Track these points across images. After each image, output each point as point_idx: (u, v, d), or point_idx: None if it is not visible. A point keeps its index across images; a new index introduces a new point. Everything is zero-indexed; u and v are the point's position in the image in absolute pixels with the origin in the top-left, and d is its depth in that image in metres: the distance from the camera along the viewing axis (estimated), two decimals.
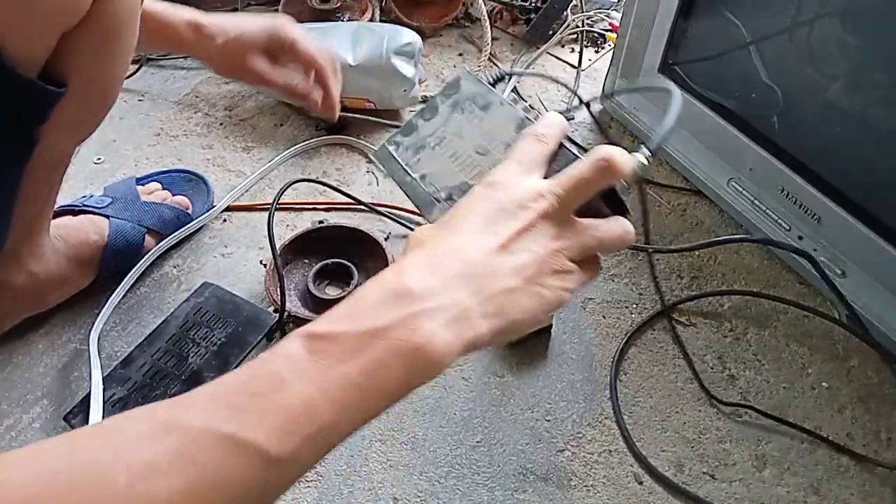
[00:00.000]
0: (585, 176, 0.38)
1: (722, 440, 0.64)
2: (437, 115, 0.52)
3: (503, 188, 0.38)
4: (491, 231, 0.36)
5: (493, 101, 0.50)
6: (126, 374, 0.62)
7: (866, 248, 0.66)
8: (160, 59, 1.09)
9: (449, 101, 0.52)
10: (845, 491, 0.61)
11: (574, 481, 0.61)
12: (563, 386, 0.68)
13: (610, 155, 0.38)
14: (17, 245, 0.62)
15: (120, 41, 0.52)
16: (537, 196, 0.37)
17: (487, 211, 0.37)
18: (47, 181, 0.60)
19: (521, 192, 0.38)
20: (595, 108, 1.00)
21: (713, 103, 0.78)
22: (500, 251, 0.36)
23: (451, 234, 0.37)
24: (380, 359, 0.32)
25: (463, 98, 0.51)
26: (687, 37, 0.79)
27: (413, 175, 0.51)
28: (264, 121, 0.98)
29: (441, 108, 0.52)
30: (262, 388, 0.30)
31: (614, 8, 1.17)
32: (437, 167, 0.50)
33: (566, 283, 0.37)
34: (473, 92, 0.51)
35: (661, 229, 0.83)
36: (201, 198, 0.83)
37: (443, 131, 0.51)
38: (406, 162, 0.52)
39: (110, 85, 0.56)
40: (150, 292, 0.75)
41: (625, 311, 0.74)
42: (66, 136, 0.56)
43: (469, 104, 0.51)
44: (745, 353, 0.71)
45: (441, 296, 0.34)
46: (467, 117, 0.51)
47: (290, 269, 0.75)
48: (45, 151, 0.53)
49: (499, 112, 0.49)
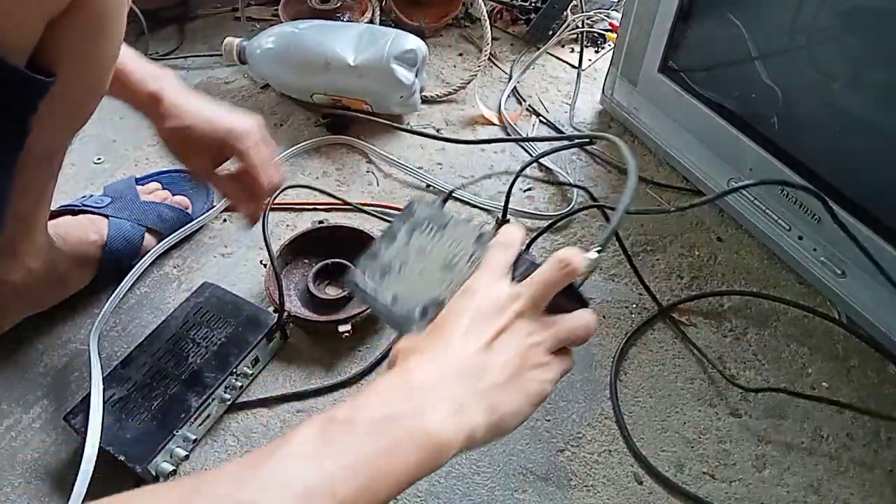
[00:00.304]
0: (550, 277, 0.43)
1: (722, 440, 0.64)
2: (397, 241, 0.56)
3: (481, 295, 0.43)
4: (475, 332, 0.41)
5: (449, 220, 0.55)
6: (126, 374, 0.62)
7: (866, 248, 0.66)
8: (160, 59, 1.09)
9: (405, 225, 0.56)
10: (845, 491, 0.61)
11: (574, 481, 0.61)
12: (563, 386, 0.68)
13: (567, 257, 0.43)
14: (14, 241, 0.62)
15: (108, 28, 0.52)
16: (512, 299, 0.42)
17: (470, 316, 0.42)
18: (42, 174, 0.60)
19: (496, 296, 0.43)
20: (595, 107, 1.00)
21: (713, 103, 0.78)
22: (486, 350, 0.40)
23: (440, 339, 0.41)
24: (393, 443, 0.35)
25: (419, 221, 0.56)
26: (687, 37, 0.79)
27: (384, 299, 0.54)
28: (264, 121, 0.97)
29: (399, 234, 0.57)
30: (281, 465, 0.33)
31: (614, 8, 1.17)
32: (407, 287, 0.54)
33: (546, 374, 0.42)
34: (429, 214, 0.56)
35: (660, 230, 0.83)
36: (201, 198, 0.83)
37: (406, 253, 0.56)
38: (375, 287, 0.56)
39: (100, 73, 0.55)
40: (150, 292, 0.75)
41: (625, 311, 0.74)
42: (59, 127, 0.56)
43: (427, 224, 0.56)
44: (745, 353, 0.71)
45: (443, 390, 0.38)
46: (428, 237, 0.55)
47: (290, 269, 0.75)
48: (37, 143, 0.53)
49: (457, 228, 0.54)
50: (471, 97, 1.01)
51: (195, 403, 0.60)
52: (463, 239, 0.53)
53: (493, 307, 0.42)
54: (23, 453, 0.61)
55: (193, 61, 1.10)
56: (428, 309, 0.50)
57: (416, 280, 0.54)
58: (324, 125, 0.96)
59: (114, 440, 0.57)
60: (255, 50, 0.96)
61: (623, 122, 0.95)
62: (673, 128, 0.86)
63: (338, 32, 0.94)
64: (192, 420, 0.60)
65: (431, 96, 1.01)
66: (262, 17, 1.19)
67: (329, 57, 0.91)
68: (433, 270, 0.53)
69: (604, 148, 0.94)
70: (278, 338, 0.69)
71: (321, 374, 0.68)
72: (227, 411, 0.65)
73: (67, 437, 0.62)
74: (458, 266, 0.51)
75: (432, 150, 0.93)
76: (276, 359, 0.69)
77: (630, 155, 0.53)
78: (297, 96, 0.99)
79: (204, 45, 1.13)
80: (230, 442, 0.63)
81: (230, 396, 0.64)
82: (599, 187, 0.88)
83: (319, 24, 0.98)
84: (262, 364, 0.68)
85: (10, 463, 0.61)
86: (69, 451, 0.61)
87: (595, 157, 0.93)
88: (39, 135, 0.52)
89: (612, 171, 0.91)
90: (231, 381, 0.63)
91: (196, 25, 1.18)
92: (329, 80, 0.92)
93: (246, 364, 0.65)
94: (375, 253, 0.57)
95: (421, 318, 0.50)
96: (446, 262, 0.52)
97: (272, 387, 0.67)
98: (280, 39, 0.95)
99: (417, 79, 0.94)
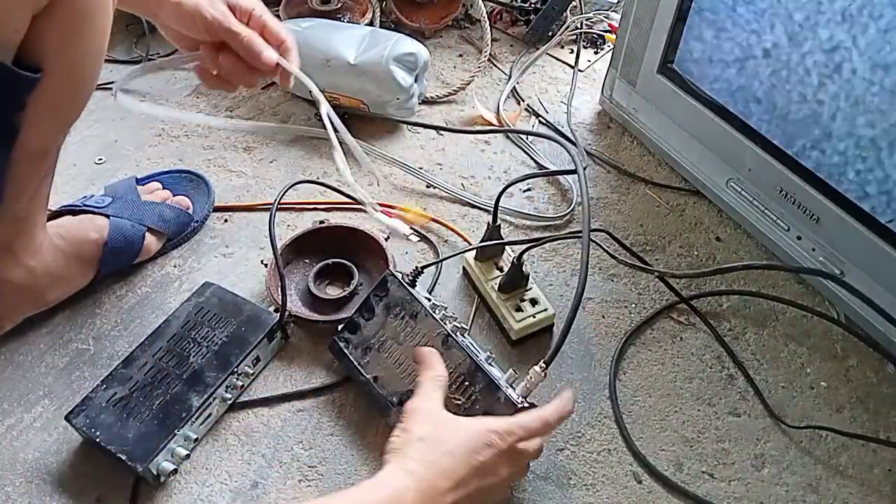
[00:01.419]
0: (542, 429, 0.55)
1: (721, 439, 0.64)
2: (375, 317, 0.62)
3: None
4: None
5: (419, 311, 0.60)
6: (128, 374, 0.62)
7: (865, 248, 0.66)
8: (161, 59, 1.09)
9: (382, 302, 0.62)
10: (844, 490, 0.61)
11: (573, 480, 0.61)
12: (563, 385, 0.68)
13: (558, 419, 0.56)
14: (11, 239, 0.61)
15: (93, 20, 0.52)
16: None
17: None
18: (36, 173, 0.59)
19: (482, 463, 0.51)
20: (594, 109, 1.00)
21: (712, 103, 0.79)
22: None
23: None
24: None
25: (393, 301, 0.61)
26: (686, 38, 0.79)
27: (367, 376, 0.61)
28: (265, 121, 0.98)
29: (377, 310, 0.62)
30: None
31: (613, 9, 1.17)
32: (385, 372, 0.60)
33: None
34: (400, 296, 0.61)
35: (660, 230, 0.83)
36: (202, 198, 0.84)
37: (383, 334, 0.61)
38: (357, 361, 0.62)
39: (87, 68, 0.55)
40: (152, 292, 0.75)
41: (624, 311, 0.75)
42: (50, 124, 0.55)
43: (399, 310, 0.61)
44: (744, 353, 0.71)
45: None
46: (400, 324, 0.61)
47: (290, 269, 0.75)
48: (29, 141, 0.53)
49: (426, 322, 0.59)
50: (470, 98, 1.02)
51: (196, 403, 0.60)
52: (431, 338, 0.59)
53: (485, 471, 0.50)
54: (24, 453, 0.62)
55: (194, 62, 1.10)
56: (403, 399, 0.57)
57: (394, 368, 0.60)
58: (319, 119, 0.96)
59: (115, 439, 0.58)
60: None
61: (622, 122, 0.96)
62: (672, 128, 0.87)
63: (341, 32, 0.94)
64: (194, 419, 0.60)
65: (431, 97, 1.01)
66: None
67: (330, 54, 0.91)
68: (407, 362, 0.59)
69: (603, 149, 0.94)
70: (279, 337, 0.69)
71: (322, 373, 0.68)
72: (228, 410, 0.65)
73: (69, 436, 0.62)
74: None
75: (432, 151, 0.94)
76: (276, 358, 0.69)
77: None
78: (297, 92, 0.99)
79: None
80: (231, 441, 0.63)
81: (231, 396, 0.64)
82: (599, 188, 0.89)
83: (324, 22, 0.98)
84: (263, 363, 0.68)
85: (11, 462, 0.61)
86: (70, 451, 0.62)
87: (595, 158, 0.93)
88: (30, 133, 0.52)
89: (611, 172, 0.91)
90: (232, 381, 0.63)
91: None
92: (328, 77, 0.92)
93: (247, 363, 0.65)
94: (356, 325, 0.63)
95: (398, 405, 0.58)
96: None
97: (273, 386, 0.67)
98: None
99: (417, 84, 0.94)
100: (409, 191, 0.88)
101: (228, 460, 0.62)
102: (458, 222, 0.84)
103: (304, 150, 0.93)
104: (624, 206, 0.86)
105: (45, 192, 0.63)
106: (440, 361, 0.57)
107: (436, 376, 0.55)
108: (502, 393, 0.55)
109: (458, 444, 0.49)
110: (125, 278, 0.76)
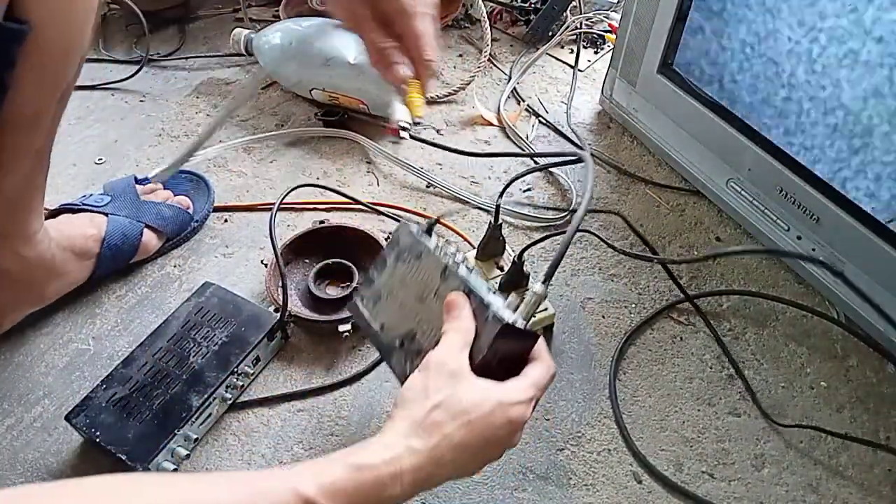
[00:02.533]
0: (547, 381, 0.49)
1: (721, 439, 0.64)
2: (387, 268, 0.59)
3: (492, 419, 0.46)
4: (487, 456, 0.48)
5: (423, 250, 0.56)
6: (127, 374, 0.62)
7: (865, 248, 0.66)
8: (161, 59, 1.10)
9: (393, 253, 0.58)
10: (844, 490, 0.61)
11: (573, 480, 0.61)
12: (563, 385, 0.68)
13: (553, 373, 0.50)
14: (2, 222, 0.61)
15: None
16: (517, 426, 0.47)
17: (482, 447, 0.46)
18: (27, 146, 0.58)
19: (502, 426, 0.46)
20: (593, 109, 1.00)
21: (712, 103, 0.79)
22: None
23: (462, 453, 0.45)
24: None
25: (402, 249, 0.58)
26: (686, 37, 0.79)
27: (374, 326, 0.58)
28: (265, 121, 0.98)
29: (388, 261, 0.58)
30: None
31: (613, 9, 1.17)
32: (390, 317, 0.57)
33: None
34: (409, 243, 0.57)
35: (660, 229, 0.83)
36: (202, 198, 0.84)
37: (390, 282, 0.58)
38: (369, 313, 0.59)
39: (78, 23, 0.54)
40: (152, 292, 0.75)
41: (624, 311, 0.75)
42: (40, 86, 0.55)
43: (407, 254, 0.57)
44: (743, 353, 0.71)
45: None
46: (407, 267, 0.57)
47: (290, 269, 0.75)
48: (18, 105, 0.52)
49: (428, 259, 0.55)
50: (470, 98, 1.02)
51: (196, 403, 0.60)
52: (431, 272, 0.54)
53: (500, 438, 0.45)
54: (24, 453, 0.62)
55: (194, 62, 1.10)
56: (404, 341, 0.54)
57: (397, 311, 0.57)
58: (320, 119, 0.96)
59: (115, 439, 0.58)
60: (261, 42, 0.97)
61: (622, 122, 0.96)
62: (672, 128, 0.87)
63: (341, 32, 0.94)
64: (194, 419, 0.60)
65: (431, 97, 1.01)
66: (263, 17, 1.19)
67: (330, 53, 0.91)
68: (410, 302, 0.55)
69: (603, 149, 0.94)
70: (279, 337, 0.69)
71: (322, 373, 0.68)
72: (228, 410, 0.65)
73: (69, 437, 0.62)
74: (428, 300, 0.53)
75: (432, 150, 0.94)
76: (276, 358, 0.69)
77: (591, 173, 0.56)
78: (298, 91, 0.99)
79: (205, 45, 1.14)
80: (231, 441, 0.63)
81: (231, 396, 0.64)
82: (599, 188, 0.89)
83: (325, 22, 0.98)
84: (263, 363, 0.68)
85: (11, 462, 0.61)
86: (70, 451, 0.62)
87: (595, 158, 0.93)
88: (21, 94, 0.52)
89: (611, 172, 0.91)
90: (232, 381, 0.63)
91: (197, 26, 1.19)
92: (328, 76, 0.92)
93: (247, 363, 0.65)
94: (371, 280, 0.60)
95: (399, 348, 0.54)
96: (419, 295, 0.54)
97: (273, 386, 0.67)
98: (286, 34, 0.95)
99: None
100: (409, 190, 0.88)
101: (228, 460, 0.62)
102: (458, 222, 0.84)
103: (304, 151, 0.93)
104: (624, 206, 0.86)
105: (40, 177, 0.63)
106: (470, 314, 0.49)
107: (463, 328, 0.48)
108: (491, 312, 0.49)
109: (478, 417, 0.44)
110: (125, 278, 0.76)
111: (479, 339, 0.48)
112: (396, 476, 0.41)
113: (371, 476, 0.40)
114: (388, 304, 0.57)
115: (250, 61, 1.07)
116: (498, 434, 0.44)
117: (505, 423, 0.45)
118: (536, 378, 0.47)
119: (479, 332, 0.48)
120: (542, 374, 0.48)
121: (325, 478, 0.39)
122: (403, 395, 0.46)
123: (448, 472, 0.44)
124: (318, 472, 0.39)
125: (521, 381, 0.47)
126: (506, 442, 0.46)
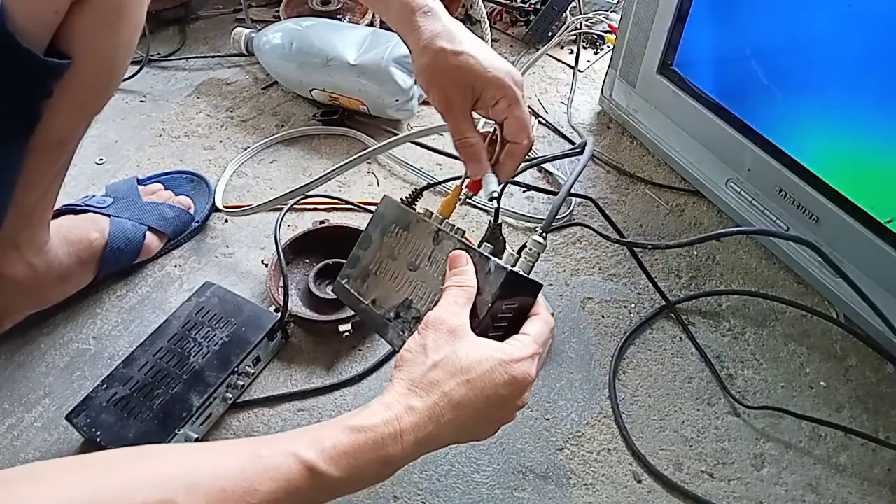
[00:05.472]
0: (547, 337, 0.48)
1: (720, 439, 0.64)
2: (372, 244, 0.58)
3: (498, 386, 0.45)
4: (494, 419, 0.47)
5: (412, 219, 0.55)
6: (128, 374, 0.62)
7: (864, 248, 0.66)
8: (162, 60, 1.10)
9: (378, 228, 0.58)
10: (843, 490, 0.61)
11: (573, 480, 0.61)
12: (563, 385, 0.68)
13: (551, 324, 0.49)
14: (16, 233, 0.62)
15: (126, 14, 0.53)
16: (524, 387, 0.46)
17: (492, 405, 0.45)
18: (52, 166, 0.60)
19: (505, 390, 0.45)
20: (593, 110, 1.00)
21: (711, 104, 0.79)
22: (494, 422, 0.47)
23: (463, 412, 0.44)
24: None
25: (388, 223, 0.57)
26: (685, 38, 0.79)
27: (365, 302, 0.56)
28: (266, 122, 0.98)
29: (374, 237, 0.58)
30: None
31: (613, 9, 1.18)
32: (382, 290, 0.56)
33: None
34: (395, 215, 0.57)
35: (659, 229, 0.83)
36: (203, 198, 0.84)
37: (379, 256, 0.57)
38: (357, 291, 0.58)
39: (117, 59, 0.55)
40: (152, 292, 0.75)
41: (624, 311, 0.75)
42: (72, 114, 0.56)
43: (394, 227, 0.57)
44: (743, 353, 0.71)
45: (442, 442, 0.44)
46: (395, 239, 0.56)
47: (290, 269, 0.75)
48: (50, 130, 0.53)
49: (418, 227, 0.54)
50: None
51: (197, 402, 0.60)
52: (422, 238, 0.53)
53: (506, 400, 0.44)
54: (24, 453, 0.62)
55: (195, 62, 1.10)
56: (399, 312, 0.53)
57: (389, 283, 0.55)
58: (319, 118, 0.96)
59: (116, 439, 0.58)
60: (261, 42, 0.97)
61: (622, 122, 0.96)
62: (671, 128, 0.87)
63: (343, 32, 0.95)
64: (194, 419, 0.60)
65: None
66: (263, 18, 1.19)
67: (330, 54, 0.91)
68: (403, 272, 0.54)
69: (603, 149, 0.94)
70: (279, 337, 0.69)
71: (322, 373, 0.68)
72: (228, 410, 0.65)
73: (69, 436, 0.62)
74: (422, 266, 0.52)
75: (433, 150, 0.94)
76: (277, 358, 0.70)
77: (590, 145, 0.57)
78: (298, 91, 1.00)
79: (205, 46, 1.14)
80: None
81: (232, 395, 0.64)
82: (598, 188, 0.89)
83: (325, 22, 0.99)
84: (264, 363, 0.68)
85: (11, 462, 0.61)
86: (70, 451, 0.62)
87: (595, 158, 0.93)
88: (52, 121, 0.53)
89: (611, 172, 0.91)
90: (232, 381, 0.64)
91: (197, 27, 1.19)
92: (328, 77, 0.93)
93: (247, 363, 0.65)
94: (356, 258, 0.59)
95: (395, 319, 0.53)
96: (412, 263, 0.53)
97: (273, 386, 0.67)
98: (286, 34, 0.95)
99: (417, 85, 0.95)
100: (409, 190, 0.88)
101: None
102: (458, 222, 0.84)
103: (304, 151, 0.93)
104: (623, 206, 0.86)
105: (56, 189, 0.64)
106: (471, 270, 0.48)
107: (464, 285, 0.47)
108: (492, 263, 0.47)
109: (479, 376, 0.43)
110: (126, 278, 0.76)
111: (481, 294, 0.47)
112: (396, 436, 0.40)
113: (371, 437, 0.39)
114: (379, 279, 0.56)
115: (251, 61, 1.08)
116: (501, 393, 0.43)
117: (508, 381, 0.43)
118: (536, 334, 0.47)
119: (480, 289, 0.48)
120: (542, 330, 0.47)
121: (325, 442, 0.38)
122: (402, 356, 0.45)
123: (451, 431, 0.42)
124: (318, 437, 0.39)
125: (521, 338, 0.46)
126: (512, 401, 0.44)
